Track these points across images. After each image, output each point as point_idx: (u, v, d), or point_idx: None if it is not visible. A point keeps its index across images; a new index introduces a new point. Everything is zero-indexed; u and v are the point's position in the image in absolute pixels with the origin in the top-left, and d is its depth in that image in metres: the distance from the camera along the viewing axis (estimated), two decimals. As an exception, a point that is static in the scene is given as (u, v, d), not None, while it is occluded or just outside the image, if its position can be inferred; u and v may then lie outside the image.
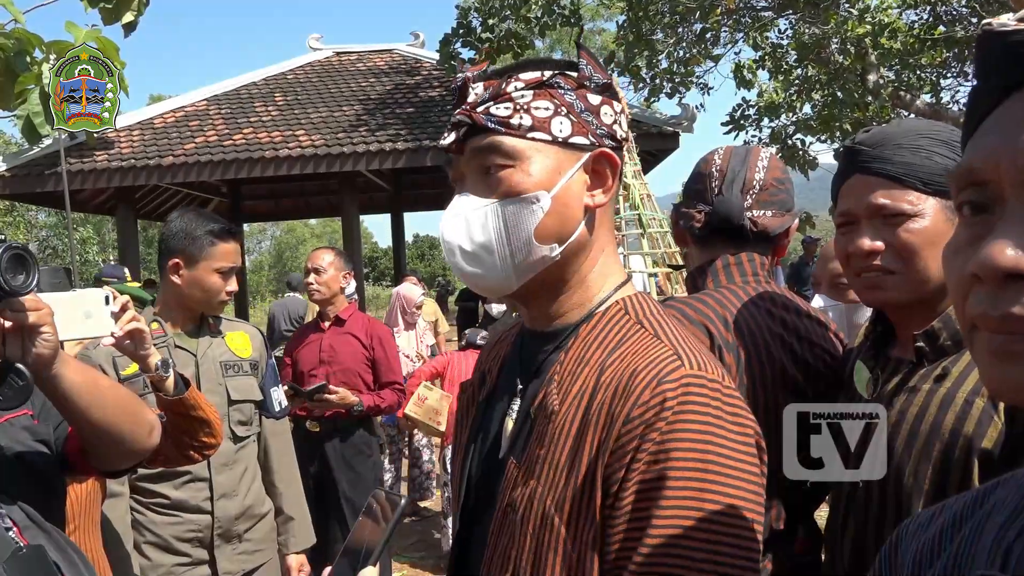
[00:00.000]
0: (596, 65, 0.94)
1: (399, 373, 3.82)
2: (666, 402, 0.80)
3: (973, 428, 1.07)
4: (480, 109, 0.91)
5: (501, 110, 0.90)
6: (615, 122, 0.94)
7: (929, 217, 1.16)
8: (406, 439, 5.65)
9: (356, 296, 7.04)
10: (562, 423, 0.87)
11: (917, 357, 1.18)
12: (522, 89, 0.91)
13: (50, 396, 1.24)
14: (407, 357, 5.74)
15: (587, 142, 0.92)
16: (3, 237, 1.17)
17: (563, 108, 0.91)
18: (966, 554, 0.57)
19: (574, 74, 0.93)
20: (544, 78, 0.91)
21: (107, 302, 1.50)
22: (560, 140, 0.90)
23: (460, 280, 0.95)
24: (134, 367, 2.06)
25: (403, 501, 0.84)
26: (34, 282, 1.13)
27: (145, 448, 1.43)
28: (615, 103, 0.94)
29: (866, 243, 1.20)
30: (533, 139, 0.90)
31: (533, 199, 0.89)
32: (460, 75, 0.95)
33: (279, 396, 2.58)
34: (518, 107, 0.90)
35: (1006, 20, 0.50)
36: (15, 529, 1.14)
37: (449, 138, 0.93)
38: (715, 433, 0.80)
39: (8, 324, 1.14)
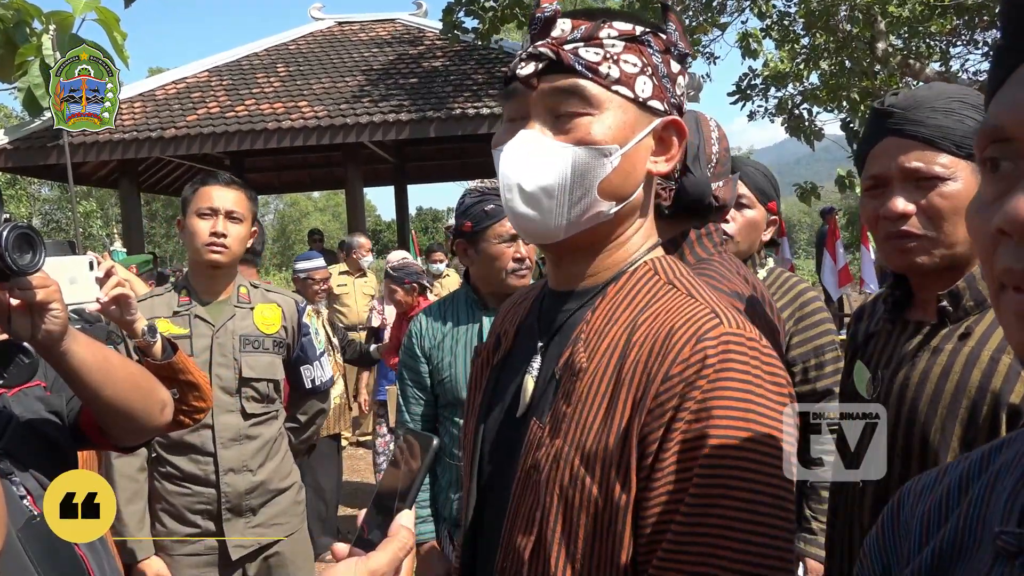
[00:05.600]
0: (682, 33, 0.92)
1: None
2: (707, 359, 0.79)
3: (1000, 384, 1.08)
4: (568, 47, 0.87)
5: (591, 54, 0.86)
6: (683, 94, 0.94)
7: (962, 180, 1.15)
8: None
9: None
10: (591, 381, 0.85)
11: (939, 318, 1.18)
12: (615, 38, 0.88)
13: (60, 372, 1.24)
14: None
15: (662, 108, 0.90)
16: (8, 216, 1.16)
17: (649, 68, 0.89)
18: (977, 515, 0.58)
19: (663, 36, 0.91)
20: (637, 33, 0.89)
21: (91, 267, 1.49)
22: (640, 100, 0.88)
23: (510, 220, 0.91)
24: None
25: (435, 441, 0.77)
26: (41, 261, 1.12)
27: (157, 425, 1.43)
28: (686, 76, 0.93)
29: (899, 205, 1.18)
30: (616, 92, 0.87)
31: (607, 152, 0.87)
32: (547, 7, 0.89)
33: (313, 373, 2.50)
34: (608, 56, 0.87)
35: None
36: (29, 498, 1.15)
37: (527, 68, 0.87)
38: (755, 392, 0.79)
39: (16, 302, 1.14)
